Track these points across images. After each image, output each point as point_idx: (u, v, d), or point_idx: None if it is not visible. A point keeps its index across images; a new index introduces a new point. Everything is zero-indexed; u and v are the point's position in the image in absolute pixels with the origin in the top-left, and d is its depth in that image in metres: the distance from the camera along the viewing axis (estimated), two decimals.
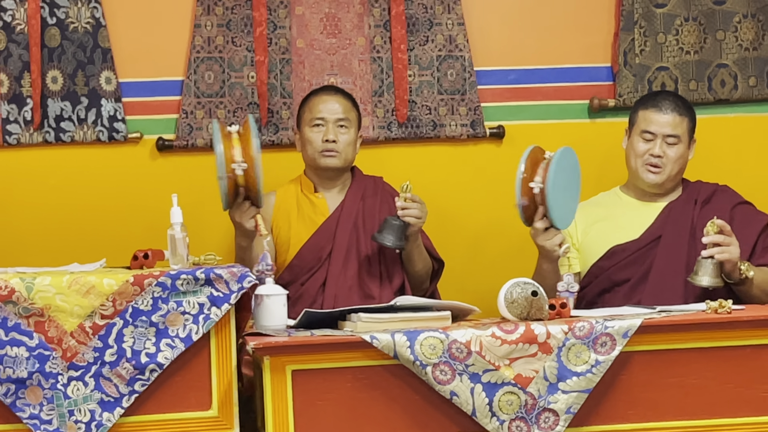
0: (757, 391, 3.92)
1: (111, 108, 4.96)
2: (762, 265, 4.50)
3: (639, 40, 5.12)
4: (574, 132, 5.09)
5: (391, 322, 3.91)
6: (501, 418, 3.80)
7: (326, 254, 4.65)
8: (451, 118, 5.09)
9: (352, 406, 3.83)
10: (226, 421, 3.84)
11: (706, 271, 4.27)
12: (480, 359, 3.79)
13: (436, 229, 4.73)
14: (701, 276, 4.28)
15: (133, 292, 3.78)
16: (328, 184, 4.73)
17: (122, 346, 3.77)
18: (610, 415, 3.90)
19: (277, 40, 5.04)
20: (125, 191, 4.97)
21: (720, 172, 4.88)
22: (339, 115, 4.67)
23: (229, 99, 5.02)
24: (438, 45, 5.08)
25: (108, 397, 3.77)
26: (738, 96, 5.17)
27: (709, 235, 4.28)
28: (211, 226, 4.82)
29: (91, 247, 4.80)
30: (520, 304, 3.94)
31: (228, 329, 3.86)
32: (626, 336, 3.85)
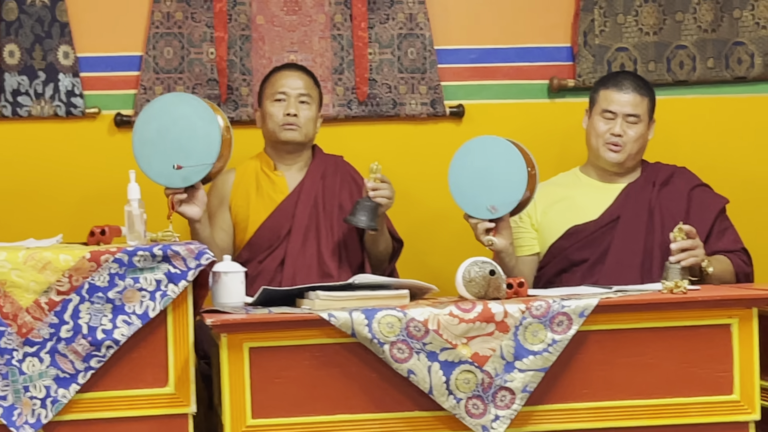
0: (711, 371, 3.95)
1: (69, 83, 4.95)
2: (717, 250, 4.54)
3: (599, 21, 5.14)
4: (533, 112, 5.11)
5: (349, 300, 3.91)
6: (458, 397, 3.82)
7: (285, 232, 4.66)
8: (411, 96, 5.09)
9: (309, 383, 3.84)
10: (182, 398, 3.84)
11: (675, 276, 4.28)
12: (437, 338, 3.81)
13: (395, 207, 4.73)
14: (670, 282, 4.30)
15: (90, 269, 3.78)
16: (288, 160, 4.74)
17: (78, 322, 3.76)
18: (566, 394, 3.92)
19: (237, 16, 5.03)
20: (83, 167, 4.96)
21: (678, 153, 4.91)
22: (301, 90, 4.67)
23: (188, 75, 5.01)
24: (399, 23, 5.09)
25: (64, 374, 3.76)
26: (696, 77, 5.19)
27: (677, 241, 4.31)
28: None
29: (48, 223, 4.79)
30: (477, 283, 3.95)
31: (185, 306, 3.85)
32: (583, 315, 3.87)
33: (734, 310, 3.96)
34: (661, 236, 4.51)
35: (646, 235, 4.57)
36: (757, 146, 5.23)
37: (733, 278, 4.53)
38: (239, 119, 4.98)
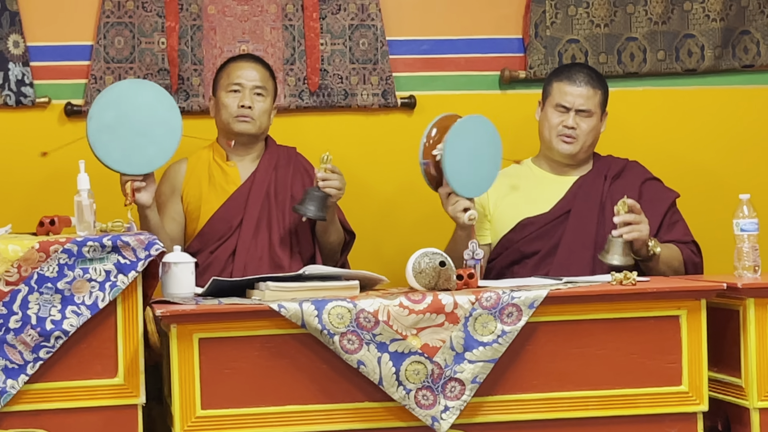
0: (660, 362, 3.98)
1: (19, 72, 4.93)
2: (668, 241, 4.57)
3: (550, 12, 5.15)
4: (485, 103, 5.12)
5: (299, 291, 3.92)
6: (407, 387, 3.83)
7: (237, 223, 4.65)
8: (362, 87, 5.10)
9: (259, 374, 3.85)
10: (132, 389, 3.84)
11: (617, 250, 4.31)
12: (387, 329, 3.82)
13: (347, 197, 4.73)
14: (612, 255, 4.33)
15: (39, 259, 3.77)
16: (241, 152, 4.73)
17: (27, 312, 3.75)
18: (516, 385, 3.94)
19: (188, 6, 5.02)
20: (32, 156, 4.94)
21: (629, 145, 4.94)
22: (257, 82, 4.67)
23: (139, 65, 5.00)
24: (350, 14, 5.09)
25: (12, 364, 3.75)
26: (647, 69, 5.22)
27: (620, 215, 4.33)
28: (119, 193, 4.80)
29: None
30: (428, 274, 3.96)
31: (135, 297, 3.85)
32: (532, 307, 3.89)
33: (683, 302, 3.99)
34: (612, 228, 4.52)
35: (597, 227, 4.59)
36: (706, 138, 5.27)
37: (682, 267, 4.55)
38: (190, 109, 4.98)
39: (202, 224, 4.67)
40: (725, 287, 4.04)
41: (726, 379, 4.16)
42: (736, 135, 5.27)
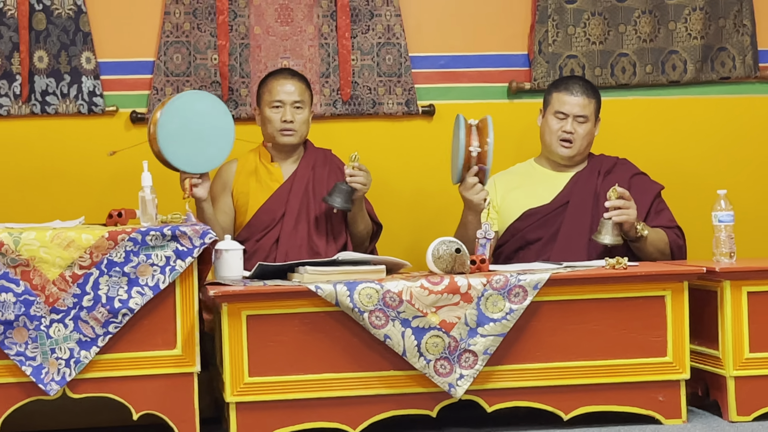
0: (647, 336, 3.98)
1: (90, 84, 4.94)
2: (655, 226, 4.55)
3: (552, 32, 5.14)
4: (495, 111, 5.07)
5: (333, 274, 3.92)
6: (428, 358, 3.83)
7: (280, 216, 4.65)
8: (388, 97, 5.09)
9: (298, 347, 3.86)
10: (188, 359, 3.85)
11: (608, 230, 4.32)
12: (410, 307, 3.82)
13: (375, 193, 4.74)
14: (603, 235, 4.33)
15: (108, 246, 3.78)
16: (284, 155, 4.73)
17: (98, 293, 3.76)
18: (521, 356, 3.94)
19: (237, 27, 5.02)
20: (102, 158, 4.93)
21: (620, 147, 4.91)
22: (295, 97, 4.66)
23: (194, 78, 5.00)
24: (378, 33, 5.08)
25: (85, 337, 3.77)
26: (636, 81, 5.20)
27: (611, 200, 4.33)
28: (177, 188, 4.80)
29: (72, 207, 4.78)
30: (445, 259, 3.96)
31: (191, 279, 3.86)
32: (536, 288, 3.89)
33: (668, 284, 3.99)
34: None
35: (592, 217, 4.57)
36: (688, 141, 5.24)
37: (668, 248, 4.54)
38: (238, 116, 4.97)
39: (250, 216, 4.67)
40: (705, 271, 4.03)
41: (705, 351, 4.15)
42: (715, 138, 5.25)
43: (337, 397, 3.87)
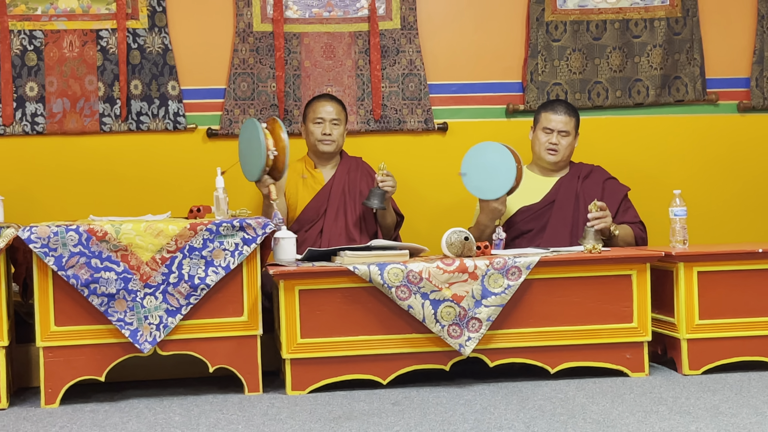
0: (617, 307, 3.97)
1: (175, 107, 4.95)
2: (622, 222, 4.54)
3: (541, 65, 5.12)
4: (495, 127, 5.10)
5: (367, 257, 3.93)
6: (442, 324, 3.84)
7: (322, 211, 4.65)
8: (411, 116, 5.08)
9: (339, 315, 3.87)
10: (253, 324, 3.87)
11: (591, 236, 4.29)
12: (428, 283, 3.82)
13: (399, 192, 4.73)
14: (588, 240, 4.29)
15: (190, 235, 3.80)
16: (324, 162, 4.74)
17: (182, 272, 3.78)
18: (517, 322, 3.94)
19: (291, 61, 5.03)
20: (185, 165, 4.96)
21: (595, 156, 4.90)
22: (333, 115, 4.66)
23: (257, 102, 5.01)
24: (402, 66, 5.08)
25: (172, 307, 3.79)
26: (608, 103, 5.17)
27: (593, 212, 4.32)
28: (243, 190, 4.83)
29: (161, 204, 4.79)
30: (456, 245, 3.96)
31: (255, 261, 3.87)
32: (529, 268, 3.89)
33: (634, 265, 3.98)
34: (584, 214, 4.49)
35: (573, 213, 4.56)
36: (650, 150, 5.21)
37: (633, 241, 4.52)
38: (292, 132, 4.97)
39: (299, 212, 4.67)
40: (663, 255, 4.03)
41: (664, 319, 4.14)
42: (671, 148, 5.22)
43: (370, 355, 3.88)
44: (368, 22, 5.05)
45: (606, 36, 5.16)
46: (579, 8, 5.15)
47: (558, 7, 5.14)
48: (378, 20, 5.04)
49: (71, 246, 3.70)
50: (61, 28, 4.87)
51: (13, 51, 4.84)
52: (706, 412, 3.39)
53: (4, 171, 4.84)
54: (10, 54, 4.83)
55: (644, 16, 5.18)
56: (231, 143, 4.91)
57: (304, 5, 5.04)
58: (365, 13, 5.06)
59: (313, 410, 3.57)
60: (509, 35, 5.15)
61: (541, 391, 3.76)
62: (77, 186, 4.90)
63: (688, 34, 5.19)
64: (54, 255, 3.70)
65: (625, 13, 5.18)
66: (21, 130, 4.85)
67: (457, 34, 5.14)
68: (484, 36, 5.14)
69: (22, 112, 4.85)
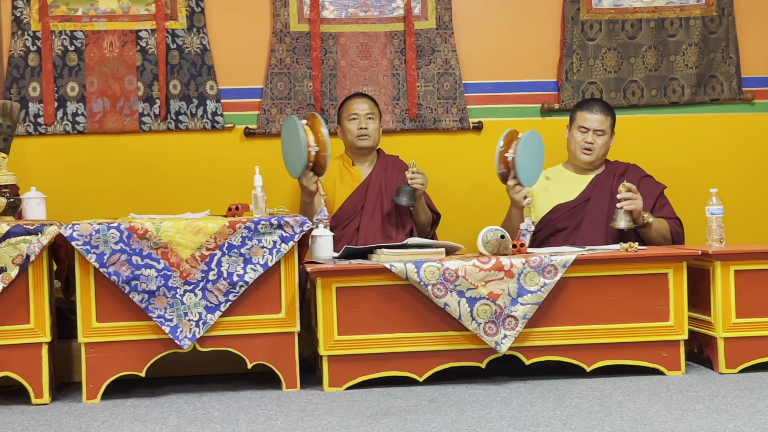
0: (654, 305, 3.94)
1: (213, 106, 4.97)
2: (658, 217, 4.51)
3: (576, 63, 5.10)
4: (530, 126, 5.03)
5: (403, 255, 3.92)
6: (478, 321, 3.83)
7: (359, 208, 4.66)
8: (446, 115, 5.08)
9: (376, 312, 3.87)
10: (290, 321, 3.87)
11: (621, 217, 4.29)
12: (464, 281, 3.81)
13: (435, 191, 4.74)
14: (618, 221, 4.31)
15: (228, 233, 3.81)
16: (361, 159, 4.74)
17: (221, 269, 3.79)
18: (553, 320, 3.92)
19: (327, 60, 5.03)
20: (223, 163, 4.98)
21: (631, 154, 4.88)
22: (367, 111, 4.67)
23: (293, 101, 5.02)
24: (438, 65, 5.07)
25: (211, 304, 3.80)
26: (644, 102, 5.14)
27: (621, 192, 4.31)
28: (281, 188, 4.84)
29: (199, 202, 4.82)
30: (492, 244, 3.95)
31: (293, 259, 3.88)
32: (565, 266, 3.87)
33: (670, 263, 3.95)
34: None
35: (608, 210, 4.54)
36: (685, 149, 5.18)
37: (669, 234, 4.49)
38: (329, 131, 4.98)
39: (336, 209, 4.68)
40: (700, 253, 4.00)
41: (700, 317, 4.11)
42: (707, 147, 5.19)
43: (407, 352, 3.87)
44: (404, 22, 5.05)
45: (641, 35, 5.13)
46: (614, 7, 5.12)
47: (593, 6, 5.11)
48: (413, 20, 5.04)
49: (112, 243, 3.73)
50: (102, 28, 4.91)
51: (55, 51, 4.88)
52: (743, 411, 3.36)
53: (46, 170, 4.88)
54: (51, 54, 4.87)
55: (679, 15, 5.14)
56: (268, 142, 4.93)
57: (340, 5, 5.04)
58: (401, 12, 5.05)
59: (350, 406, 3.57)
60: (544, 34, 5.13)
61: (577, 389, 3.74)
62: (117, 184, 4.93)
63: (723, 32, 5.15)
64: (96, 252, 3.72)
65: (660, 12, 5.14)
66: (62, 129, 4.89)
67: (492, 34, 5.13)
68: (519, 35, 5.13)
69: (63, 112, 4.89)
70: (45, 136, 4.89)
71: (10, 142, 3.94)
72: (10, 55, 4.86)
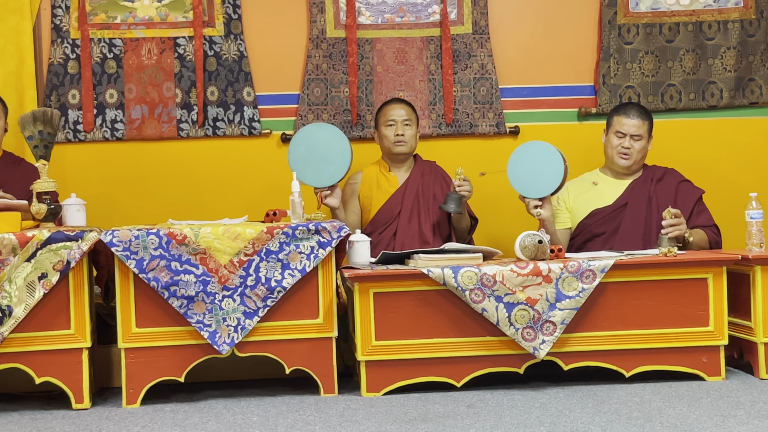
0: (693, 310, 3.91)
1: (250, 113, 4.99)
2: (696, 225, 4.48)
3: (613, 67, 5.07)
4: (567, 131, 5.07)
5: (441, 260, 3.92)
6: (516, 327, 3.81)
7: (396, 213, 4.66)
8: (482, 120, 5.07)
9: (413, 317, 3.86)
10: (328, 326, 3.87)
11: (665, 243, 4.25)
12: (502, 286, 3.80)
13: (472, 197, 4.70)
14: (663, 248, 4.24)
15: (266, 238, 3.82)
16: (398, 165, 4.74)
17: (259, 274, 3.80)
18: (592, 325, 3.90)
19: (364, 66, 5.04)
20: (260, 169, 5.00)
21: (669, 159, 4.84)
22: (404, 117, 4.67)
23: (330, 107, 5.03)
24: (474, 70, 5.06)
25: (249, 309, 3.81)
26: (682, 106, 5.11)
27: (667, 219, 4.27)
28: None
29: (237, 207, 4.84)
30: (530, 249, 3.93)
31: (330, 264, 3.88)
32: (603, 271, 3.84)
33: (710, 268, 3.92)
34: (657, 216, 4.46)
35: (646, 215, 4.51)
36: (724, 154, 5.14)
37: (707, 246, 4.46)
38: (365, 137, 4.99)
39: (373, 214, 4.68)
40: (740, 258, 3.96)
41: (740, 322, 4.07)
42: (746, 151, 5.14)
43: (444, 357, 3.86)
44: (440, 27, 5.04)
45: (679, 38, 5.09)
46: (651, 11, 5.09)
47: (630, 10, 5.08)
48: (450, 25, 5.03)
49: (152, 249, 3.75)
50: (140, 36, 4.94)
51: (94, 59, 4.92)
52: None
53: (86, 176, 4.91)
54: (90, 62, 4.91)
55: (717, 18, 5.10)
56: None
57: (376, 11, 5.05)
58: (437, 18, 5.05)
59: (388, 412, 3.56)
60: (581, 38, 5.11)
61: (616, 395, 3.71)
62: (156, 190, 4.96)
63: (762, 35, 5.11)
64: (135, 258, 3.74)
65: (698, 15, 5.10)
66: (101, 136, 4.93)
67: (528, 38, 5.11)
68: (555, 39, 5.11)
69: (102, 119, 4.93)
70: (84, 143, 4.93)
71: (50, 149, 3.97)
72: (50, 62, 4.91)
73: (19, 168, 4.57)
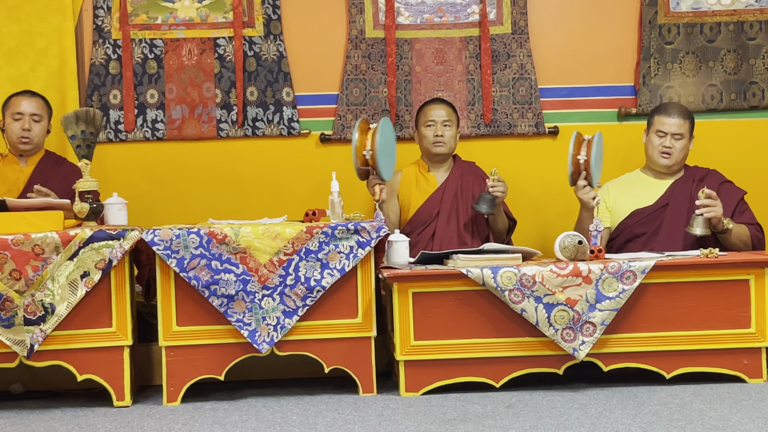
0: (734, 312, 3.88)
1: (290, 113, 5.01)
2: (738, 223, 4.44)
3: (653, 67, 5.04)
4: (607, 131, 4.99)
5: (480, 260, 3.92)
6: (556, 327, 3.80)
7: (435, 214, 4.66)
8: (521, 120, 5.05)
9: (452, 317, 3.86)
10: (367, 326, 3.88)
11: (699, 224, 4.23)
12: (542, 287, 3.79)
13: (511, 198, 4.71)
14: (695, 228, 4.24)
15: (306, 238, 3.83)
16: (437, 165, 4.74)
17: (298, 274, 3.82)
18: (631, 326, 3.88)
19: (402, 66, 5.04)
20: (300, 169, 5.01)
21: (710, 159, 4.80)
22: (444, 117, 4.67)
23: (369, 107, 5.04)
24: (513, 70, 5.05)
25: (288, 308, 3.82)
26: (723, 107, 5.07)
27: (700, 199, 4.24)
28: (357, 193, 4.86)
29: (276, 207, 4.85)
30: (570, 249, 3.92)
31: (369, 264, 3.89)
32: (644, 272, 3.82)
33: (751, 269, 3.89)
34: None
35: (688, 216, 4.47)
36: (766, 155, 5.10)
37: (749, 240, 4.40)
38: (403, 137, 4.99)
39: (412, 214, 4.68)
40: None
41: None
42: None
43: (483, 357, 3.86)
44: (479, 27, 5.04)
45: (720, 38, 5.05)
46: (692, 10, 5.06)
47: (671, 10, 5.05)
48: (489, 25, 5.02)
49: (192, 248, 3.77)
50: (180, 36, 4.98)
51: (135, 59, 4.97)
52: None
53: (127, 176, 4.96)
54: (131, 62, 4.96)
55: (759, 18, 5.06)
56: (344, 148, 4.95)
57: (415, 11, 5.05)
58: (476, 18, 5.05)
59: (427, 412, 3.57)
60: (621, 38, 5.08)
61: (656, 396, 3.69)
62: (196, 190, 4.99)
63: None
64: (176, 257, 3.77)
65: (739, 15, 5.06)
66: (142, 136, 4.97)
67: (568, 38, 5.10)
68: (595, 39, 5.09)
69: (143, 119, 4.97)
70: (125, 142, 4.98)
71: (92, 149, 4.01)
72: (92, 63, 4.96)
73: (62, 167, 4.63)
